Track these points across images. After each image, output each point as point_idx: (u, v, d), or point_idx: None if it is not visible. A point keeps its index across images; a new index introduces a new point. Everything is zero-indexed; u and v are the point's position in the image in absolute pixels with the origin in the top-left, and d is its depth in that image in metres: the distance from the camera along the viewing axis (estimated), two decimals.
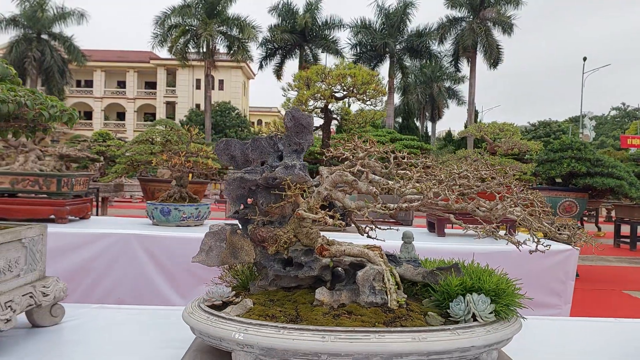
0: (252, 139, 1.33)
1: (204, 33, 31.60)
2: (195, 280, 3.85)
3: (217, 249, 1.26)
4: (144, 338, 1.56)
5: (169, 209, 4.40)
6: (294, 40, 33.63)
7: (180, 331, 1.60)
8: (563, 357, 1.43)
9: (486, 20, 32.73)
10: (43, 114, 1.38)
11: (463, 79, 39.92)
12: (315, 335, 1.02)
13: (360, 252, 1.22)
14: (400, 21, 32.81)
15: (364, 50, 34.19)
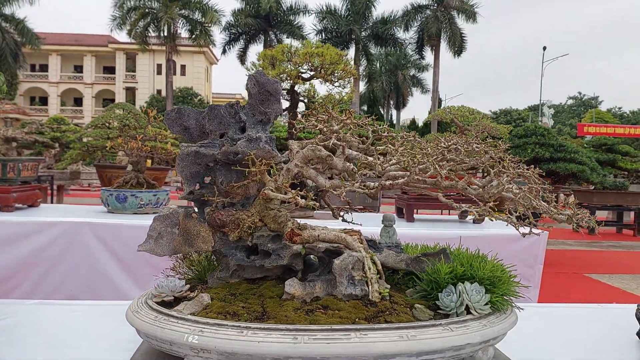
0: (209, 107, 1.14)
1: (165, 16, 30.64)
2: (155, 272, 3.63)
3: (169, 235, 1.07)
4: (88, 339, 1.36)
5: (125, 195, 4.14)
6: (258, 25, 33.01)
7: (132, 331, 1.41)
8: (555, 346, 1.31)
9: (450, 8, 32.96)
10: None
11: (427, 67, 40.19)
12: (285, 336, 0.85)
13: (336, 237, 1.05)
14: (366, 7, 32.65)
15: (329, 37, 33.88)
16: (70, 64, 43.70)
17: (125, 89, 44.74)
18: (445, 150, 1.06)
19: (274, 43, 34.33)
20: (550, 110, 34.83)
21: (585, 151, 8.50)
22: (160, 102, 38.08)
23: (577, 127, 27.29)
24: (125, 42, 41.42)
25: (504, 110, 40.05)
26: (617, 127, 26.18)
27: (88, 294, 3.54)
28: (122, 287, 3.67)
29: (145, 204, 4.21)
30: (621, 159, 10.44)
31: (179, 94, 40.21)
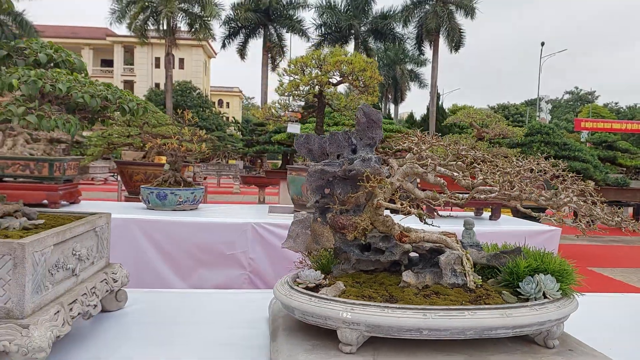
0: (329, 134, 1.42)
1: (165, 10, 30.68)
2: (194, 263, 3.91)
3: (303, 235, 1.36)
4: (215, 318, 1.64)
5: (165, 193, 4.41)
6: (258, 19, 33.12)
7: (249, 312, 1.69)
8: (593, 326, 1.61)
9: (449, 3, 33.17)
10: (124, 108, 1.42)
11: (425, 61, 40.41)
12: (417, 313, 1.14)
13: (438, 238, 1.35)
14: (365, 2, 32.86)
15: (329, 31, 34.11)
16: None
17: (123, 82, 44.76)
18: (521, 169, 1.35)
19: (274, 37, 34.50)
20: (547, 106, 35.21)
21: (588, 149, 8.82)
22: (159, 96, 38.12)
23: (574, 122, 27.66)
24: (123, 35, 41.43)
25: (501, 105, 40.42)
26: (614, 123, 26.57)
27: (136, 283, 3.82)
28: (166, 276, 3.95)
29: (183, 201, 4.48)
30: (621, 155, 10.79)
31: (178, 87, 40.28)
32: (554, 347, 1.27)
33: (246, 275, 4.04)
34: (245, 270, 4.03)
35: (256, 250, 4.00)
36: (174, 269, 4.00)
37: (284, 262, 3.94)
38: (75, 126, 1.29)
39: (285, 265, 3.92)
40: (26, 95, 1.24)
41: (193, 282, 3.95)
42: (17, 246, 1.11)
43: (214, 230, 3.96)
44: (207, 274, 3.98)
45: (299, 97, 4.79)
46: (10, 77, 1.24)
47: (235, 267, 4.02)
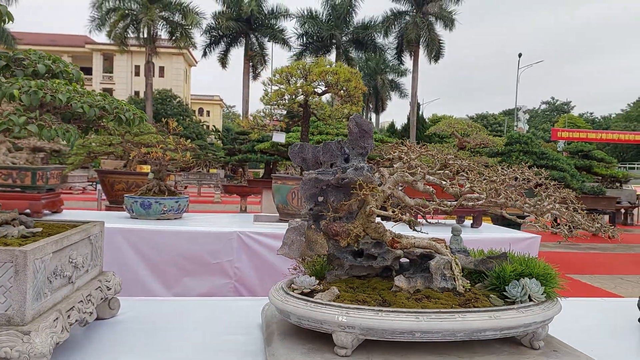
0: (323, 143, 1.47)
1: (145, 18, 30.54)
2: (179, 272, 3.91)
3: (298, 242, 1.40)
4: (208, 325, 1.66)
5: (150, 202, 4.40)
6: (239, 28, 33.17)
7: (241, 319, 1.72)
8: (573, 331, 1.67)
9: (429, 14, 33.72)
10: (120, 118, 1.45)
11: (406, 72, 40.92)
12: (409, 316, 1.19)
13: (428, 244, 1.40)
14: (347, 13, 33.18)
15: (311, 41, 34.33)
16: None
17: (102, 90, 44.23)
18: (506, 178, 1.42)
19: (255, 47, 34.58)
20: (525, 116, 35.93)
21: (565, 158, 9.05)
22: (139, 104, 37.77)
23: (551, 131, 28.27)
24: (102, 43, 41.04)
25: (480, 115, 41.09)
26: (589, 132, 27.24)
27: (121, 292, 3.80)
28: (151, 285, 3.94)
29: (168, 210, 4.47)
30: (597, 164, 11.08)
31: (158, 95, 40.01)
32: (540, 348, 1.33)
33: (231, 284, 4.04)
34: (230, 279, 4.04)
35: (241, 259, 4.01)
36: (159, 278, 3.99)
37: (269, 270, 3.96)
38: (74, 135, 1.31)
39: (270, 273, 3.95)
40: (27, 105, 1.26)
41: (178, 291, 3.94)
42: (18, 253, 1.12)
43: (199, 239, 3.96)
44: (192, 282, 3.98)
45: (284, 106, 4.84)
46: (11, 87, 1.26)
47: (220, 276, 4.02)
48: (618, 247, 10.43)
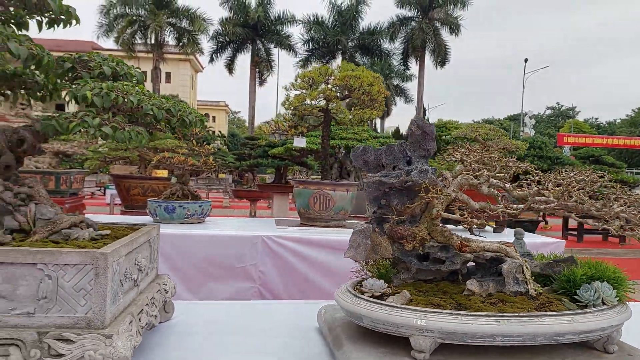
0: (386, 146, 1.46)
1: (153, 24, 30.70)
2: (204, 276, 3.90)
3: (364, 245, 1.39)
4: (262, 329, 1.65)
5: (174, 206, 4.39)
6: (246, 34, 33.31)
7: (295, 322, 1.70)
8: None
9: (435, 20, 33.80)
10: (184, 120, 1.45)
11: (411, 77, 40.94)
12: (489, 320, 1.18)
13: (498, 247, 1.39)
14: (353, 18, 33.27)
15: (317, 47, 34.44)
16: None
17: None
18: (574, 181, 1.41)
19: (262, 52, 34.69)
20: (531, 121, 35.86)
21: (578, 163, 9.02)
22: None
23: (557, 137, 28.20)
24: (109, 49, 41.21)
25: (486, 120, 41.03)
26: (595, 138, 27.13)
27: None
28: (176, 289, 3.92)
29: (191, 214, 4.47)
30: (608, 169, 11.04)
31: None
32: (614, 352, 1.31)
33: (256, 288, 4.03)
34: (255, 283, 4.02)
35: (266, 263, 4.00)
36: (184, 282, 3.98)
37: (293, 274, 3.95)
38: (145, 138, 1.31)
39: (294, 278, 3.94)
40: (99, 107, 1.25)
41: (202, 295, 3.94)
42: (99, 256, 1.11)
43: (223, 243, 3.95)
44: (216, 287, 3.97)
45: (305, 111, 4.84)
46: (82, 89, 1.26)
47: (245, 280, 4.01)
48: (629, 252, 10.36)
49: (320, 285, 3.91)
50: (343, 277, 4.00)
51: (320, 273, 3.93)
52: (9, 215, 1.24)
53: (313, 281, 3.93)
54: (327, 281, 3.91)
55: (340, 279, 4.04)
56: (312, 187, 4.58)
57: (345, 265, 3.93)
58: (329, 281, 3.92)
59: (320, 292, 3.87)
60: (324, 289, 3.89)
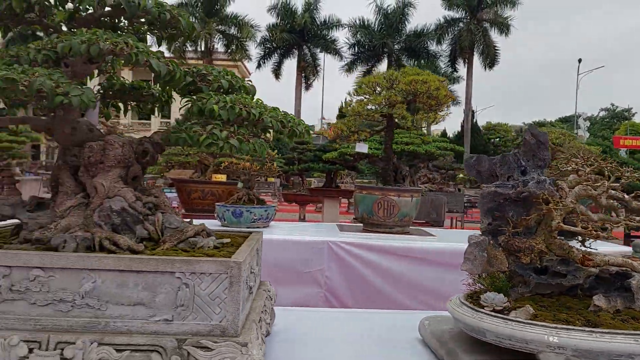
0: (500, 156, 1.44)
1: (203, 32, 31.46)
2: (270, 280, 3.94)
3: (480, 258, 1.36)
4: (363, 338, 1.65)
5: (241, 211, 4.47)
6: (292, 40, 33.63)
7: (396, 333, 1.69)
8: None
9: (483, 21, 33.10)
10: (295, 131, 1.47)
11: (459, 79, 40.21)
12: (628, 338, 1.13)
13: (624, 262, 1.33)
14: (399, 21, 33.02)
15: (362, 50, 34.36)
16: None
17: None
18: None
19: (308, 57, 34.95)
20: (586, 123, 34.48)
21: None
22: None
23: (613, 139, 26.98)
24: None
25: (537, 122, 39.77)
26: None
27: None
28: None
29: (257, 218, 4.53)
30: None
31: None
32: None
33: (322, 293, 4.04)
34: (321, 288, 4.03)
35: (332, 268, 4.00)
36: None
37: (359, 281, 3.93)
38: (265, 149, 1.34)
39: (360, 284, 3.92)
40: (224, 120, 1.29)
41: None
42: (233, 265, 1.14)
43: (290, 247, 3.98)
44: (284, 291, 3.99)
45: (367, 117, 4.83)
46: (207, 102, 1.29)
47: (311, 285, 4.03)
48: None
49: (388, 293, 3.87)
50: (412, 285, 3.96)
51: (387, 280, 3.90)
52: (139, 224, 1.29)
53: (380, 288, 3.90)
54: (395, 289, 3.88)
55: (408, 287, 4.01)
56: (375, 192, 4.56)
57: (414, 274, 3.89)
58: (397, 289, 3.89)
59: (388, 300, 3.84)
60: (392, 297, 3.86)
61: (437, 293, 3.85)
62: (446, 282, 3.83)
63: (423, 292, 3.89)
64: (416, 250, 4.00)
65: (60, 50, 1.07)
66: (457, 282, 4.04)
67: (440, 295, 3.82)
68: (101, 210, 1.24)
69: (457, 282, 4.04)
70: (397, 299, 3.86)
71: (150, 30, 1.41)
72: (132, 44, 1.13)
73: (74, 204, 1.26)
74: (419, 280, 3.87)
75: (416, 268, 3.89)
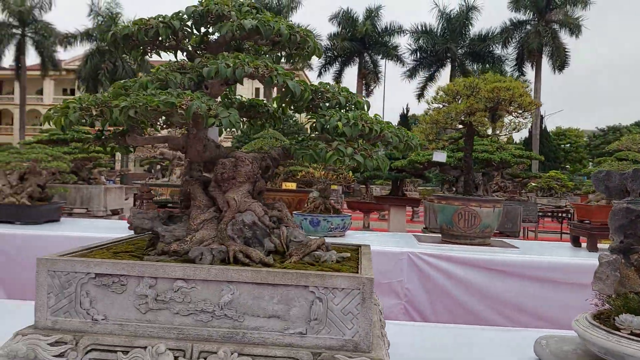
0: (632, 170, 1.37)
1: None
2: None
3: (612, 277, 1.30)
4: (480, 354, 1.62)
5: (319, 219, 4.52)
6: (353, 47, 33.73)
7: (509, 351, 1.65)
8: None
9: (552, 22, 31.79)
10: (409, 145, 1.47)
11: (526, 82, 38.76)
12: None
13: None
14: (463, 25, 32.33)
15: (424, 56, 33.90)
16: None
17: None
18: None
19: (369, 65, 34.91)
20: None
21: None
22: None
23: None
24: None
25: (611, 127, 37.61)
26: None
27: None
28: None
29: (334, 227, 4.56)
30: None
31: None
32: None
33: (402, 304, 3.99)
34: (401, 300, 3.99)
35: (412, 280, 3.95)
36: None
37: (440, 293, 3.85)
38: (387, 163, 1.35)
39: (441, 297, 3.84)
40: (348, 136, 1.31)
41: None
42: (365, 281, 1.16)
43: None
44: None
45: (446, 125, 4.75)
46: (331, 119, 1.32)
47: (391, 296, 3.99)
48: None
49: (470, 306, 3.77)
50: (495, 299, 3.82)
51: (469, 293, 3.80)
52: (267, 237, 1.33)
53: (462, 301, 3.81)
54: (478, 302, 3.78)
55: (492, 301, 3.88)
56: (456, 203, 4.46)
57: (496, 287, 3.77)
58: (480, 302, 3.79)
59: (471, 313, 3.75)
60: (474, 311, 3.76)
61: (522, 308, 3.72)
62: (530, 296, 3.69)
63: (507, 306, 3.77)
64: (500, 263, 3.88)
65: (206, 74, 1.13)
66: (544, 297, 3.87)
67: (526, 310, 3.69)
68: (234, 224, 1.29)
69: (544, 297, 3.87)
70: (480, 313, 3.76)
71: (271, 50, 1.46)
72: (270, 66, 1.17)
73: (207, 217, 1.32)
74: (502, 294, 3.76)
75: (499, 281, 3.78)
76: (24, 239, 3.93)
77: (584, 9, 31.74)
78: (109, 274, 1.18)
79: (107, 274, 1.18)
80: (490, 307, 3.77)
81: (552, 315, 3.56)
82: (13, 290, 3.93)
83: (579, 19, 31.78)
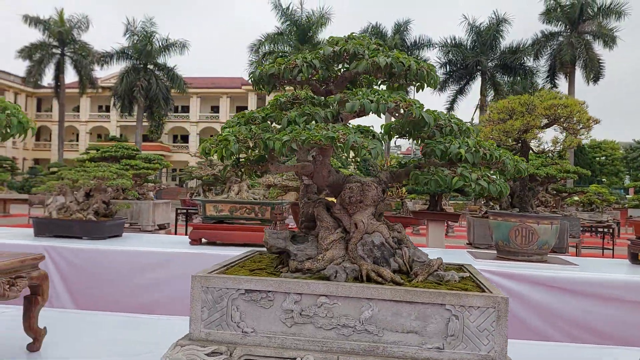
0: None
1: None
2: None
3: None
4: None
5: None
6: None
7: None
8: None
9: (585, 33, 31.36)
10: (519, 169, 1.54)
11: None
12: None
13: None
14: (493, 38, 32.17)
15: (454, 69, 33.80)
16: (207, 105, 48.20)
17: None
18: None
19: None
20: None
21: None
22: None
23: None
24: None
25: None
26: None
27: None
28: None
29: None
30: None
31: None
32: None
33: None
34: None
35: None
36: None
37: None
38: (507, 187, 1.43)
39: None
40: (471, 163, 1.39)
41: None
42: (501, 300, 1.24)
43: None
44: None
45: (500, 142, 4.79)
46: (451, 146, 1.41)
47: None
48: None
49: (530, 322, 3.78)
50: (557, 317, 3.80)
51: (531, 311, 3.81)
52: (392, 257, 1.43)
53: (523, 318, 3.82)
54: (540, 320, 3.78)
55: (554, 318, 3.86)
56: (512, 219, 4.48)
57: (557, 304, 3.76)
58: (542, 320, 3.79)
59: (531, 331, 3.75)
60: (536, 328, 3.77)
61: (588, 326, 3.71)
62: (595, 315, 3.68)
63: (570, 324, 3.77)
64: (562, 280, 3.88)
65: (349, 109, 1.24)
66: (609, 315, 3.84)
67: (590, 328, 3.67)
68: (364, 245, 1.39)
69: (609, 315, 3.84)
70: (541, 330, 3.76)
71: (384, 81, 1.56)
72: (409, 100, 1.28)
73: (335, 238, 1.42)
74: (564, 312, 3.76)
75: (560, 298, 3.78)
76: (92, 253, 4.11)
77: (618, 20, 31.24)
78: (258, 290, 1.29)
79: (257, 290, 1.29)
80: (552, 324, 3.76)
81: (617, 334, 3.55)
82: (82, 302, 4.11)
83: (613, 30, 31.26)
